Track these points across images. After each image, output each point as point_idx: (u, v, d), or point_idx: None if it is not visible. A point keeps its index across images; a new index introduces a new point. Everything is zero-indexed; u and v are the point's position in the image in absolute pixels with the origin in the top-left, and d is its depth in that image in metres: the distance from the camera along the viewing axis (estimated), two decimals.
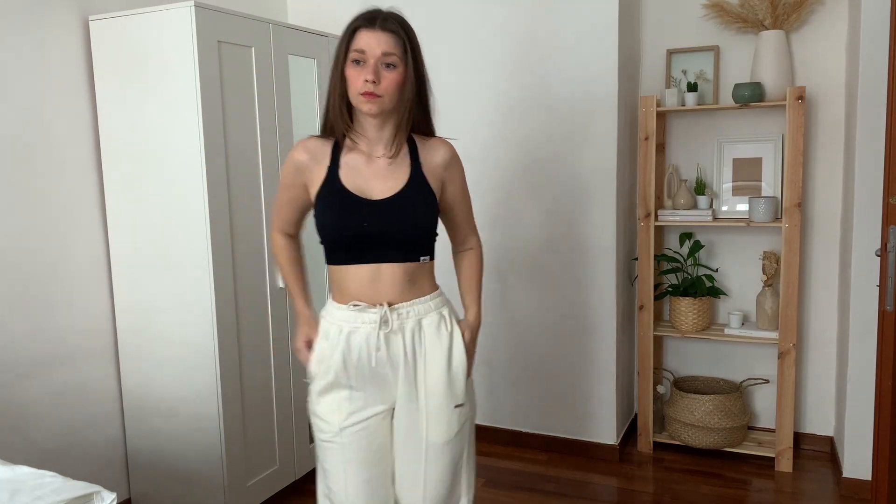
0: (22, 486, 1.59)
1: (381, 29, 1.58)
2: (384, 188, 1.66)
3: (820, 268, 3.17)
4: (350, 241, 1.65)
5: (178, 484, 2.64)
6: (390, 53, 1.58)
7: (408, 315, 1.68)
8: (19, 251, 2.37)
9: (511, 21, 3.13)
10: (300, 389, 2.89)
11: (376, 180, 1.67)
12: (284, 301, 2.78)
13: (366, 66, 1.57)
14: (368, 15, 1.60)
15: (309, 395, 1.76)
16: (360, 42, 1.58)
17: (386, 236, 1.64)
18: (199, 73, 2.35)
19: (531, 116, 3.15)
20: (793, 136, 2.86)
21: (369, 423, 1.71)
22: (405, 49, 1.60)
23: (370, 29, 1.58)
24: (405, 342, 1.68)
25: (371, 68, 1.57)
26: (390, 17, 1.61)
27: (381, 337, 1.66)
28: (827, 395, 3.22)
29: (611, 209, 3.07)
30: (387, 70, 1.59)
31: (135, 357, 2.65)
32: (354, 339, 1.68)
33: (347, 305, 1.68)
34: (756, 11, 2.99)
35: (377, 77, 1.57)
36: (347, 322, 1.68)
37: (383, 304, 1.66)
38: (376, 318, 1.66)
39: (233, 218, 2.53)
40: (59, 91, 2.47)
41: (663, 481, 3.02)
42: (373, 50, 1.57)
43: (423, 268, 1.70)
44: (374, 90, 1.57)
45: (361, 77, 1.57)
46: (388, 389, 1.71)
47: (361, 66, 1.58)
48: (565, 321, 3.22)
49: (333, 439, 1.71)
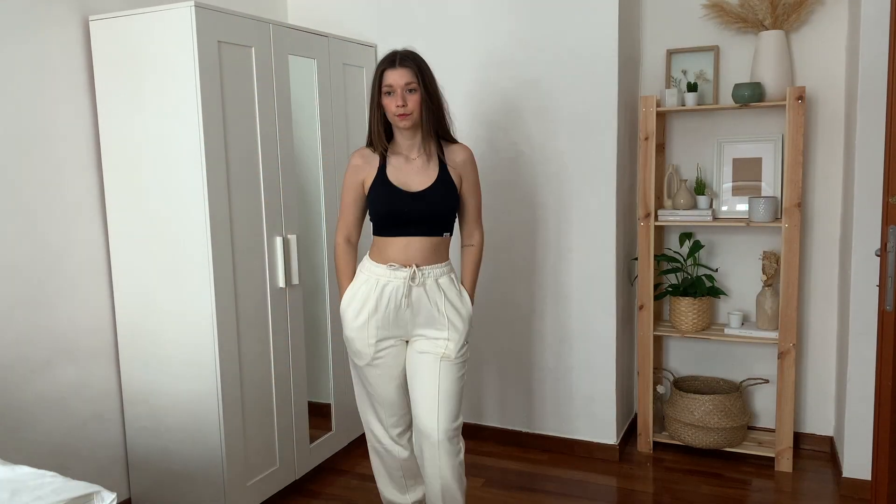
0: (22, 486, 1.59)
1: (400, 66, 2.16)
2: (420, 182, 2.26)
3: (820, 268, 3.17)
4: (394, 221, 2.25)
5: (178, 484, 2.65)
6: (410, 82, 2.16)
7: (429, 275, 2.27)
8: (19, 251, 2.37)
9: (511, 22, 3.13)
10: (300, 389, 2.90)
11: (414, 176, 2.26)
12: (284, 301, 2.78)
13: (395, 95, 2.15)
14: (390, 57, 2.18)
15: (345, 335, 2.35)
16: (388, 79, 2.17)
17: (420, 218, 2.24)
18: (199, 73, 2.35)
19: (531, 116, 3.15)
20: (793, 136, 2.86)
21: (390, 351, 2.33)
22: (417, 77, 2.16)
23: (393, 68, 2.16)
24: (427, 293, 2.27)
25: (400, 95, 2.15)
26: (403, 56, 2.18)
27: (407, 289, 2.25)
28: (827, 394, 3.22)
29: (611, 209, 3.07)
30: (410, 94, 2.17)
31: (135, 357, 2.66)
32: (387, 289, 2.26)
33: (386, 265, 2.26)
34: (756, 11, 2.99)
35: (405, 101, 2.16)
36: (383, 276, 2.26)
37: (412, 266, 2.24)
38: (406, 275, 2.24)
39: (233, 218, 2.53)
40: (59, 91, 2.47)
41: (663, 481, 3.02)
42: (398, 81, 2.15)
43: (443, 241, 2.31)
44: (405, 111, 2.16)
45: (394, 104, 2.16)
46: (405, 328, 2.31)
47: (392, 96, 2.16)
48: (565, 321, 3.22)
49: (369, 365, 2.34)
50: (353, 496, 2.95)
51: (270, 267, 2.71)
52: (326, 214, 3.06)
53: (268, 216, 2.69)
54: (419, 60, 2.19)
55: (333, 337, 3.14)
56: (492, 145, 3.23)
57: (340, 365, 3.18)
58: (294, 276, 2.80)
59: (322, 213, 3.05)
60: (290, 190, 2.80)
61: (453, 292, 2.32)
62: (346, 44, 3.16)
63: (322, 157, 3.01)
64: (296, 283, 2.82)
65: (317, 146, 3.00)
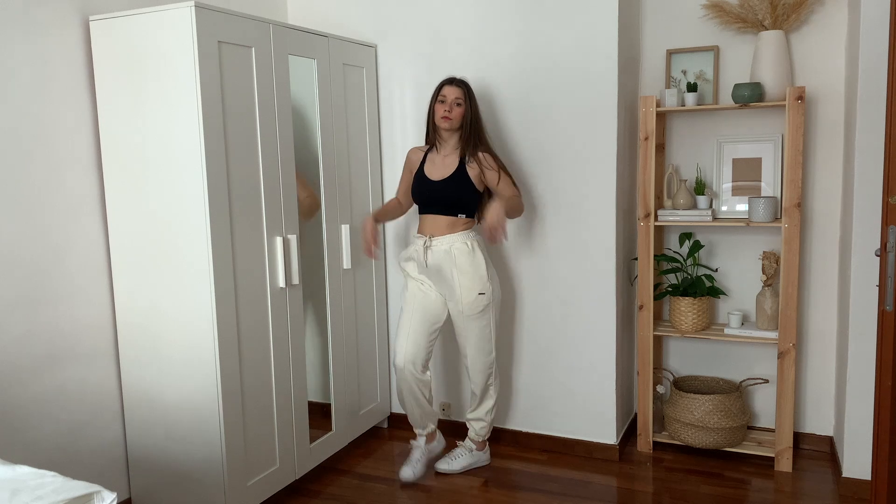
0: (22, 485, 1.59)
1: (454, 85, 2.90)
2: (439, 174, 2.95)
3: (820, 268, 3.17)
4: (422, 201, 2.98)
5: (178, 484, 2.65)
6: (458, 98, 2.89)
7: (441, 243, 2.93)
8: (19, 251, 2.37)
9: (511, 22, 3.13)
10: (300, 389, 2.90)
11: (438, 169, 2.96)
12: (284, 301, 2.78)
13: (445, 103, 2.89)
14: (449, 79, 2.92)
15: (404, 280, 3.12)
16: (444, 91, 2.90)
17: (437, 200, 2.94)
18: (199, 73, 2.35)
19: (531, 116, 3.15)
20: (792, 136, 2.86)
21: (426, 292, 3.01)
22: (465, 96, 2.90)
23: (449, 85, 2.90)
24: (440, 258, 2.93)
25: (449, 105, 2.89)
26: (459, 80, 2.92)
27: (424, 253, 2.95)
28: (826, 394, 3.23)
29: (611, 209, 3.07)
30: (457, 107, 2.89)
31: (135, 357, 2.66)
32: (415, 251, 3.00)
33: (416, 234, 3.03)
34: (756, 11, 2.99)
35: (451, 109, 2.89)
36: (414, 242, 3.04)
37: (428, 236, 2.95)
38: (422, 243, 2.96)
39: (233, 218, 2.53)
40: (59, 91, 2.47)
41: (663, 481, 3.02)
42: (450, 95, 2.89)
43: (458, 220, 2.94)
44: (449, 115, 2.88)
45: (443, 109, 2.89)
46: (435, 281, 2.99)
47: (443, 104, 2.89)
48: (565, 321, 3.22)
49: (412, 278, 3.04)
50: (353, 496, 2.95)
51: (270, 267, 2.71)
52: (326, 214, 3.06)
53: (268, 216, 2.69)
54: (467, 86, 2.91)
55: (333, 337, 3.14)
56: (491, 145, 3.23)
57: (340, 365, 3.18)
58: (294, 276, 2.80)
59: (322, 212, 3.05)
60: (290, 190, 2.81)
61: (464, 257, 2.90)
62: (346, 44, 3.16)
63: (322, 157, 3.01)
64: (296, 283, 2.82)
65: (317, 146, 3.00)
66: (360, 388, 3.35)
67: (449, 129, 2.90)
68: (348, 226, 3.17)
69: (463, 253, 2.90)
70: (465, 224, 2.95)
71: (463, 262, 2.90)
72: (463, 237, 2.92)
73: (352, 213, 3.21)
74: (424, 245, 2.94)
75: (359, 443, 3.41)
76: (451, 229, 2.93)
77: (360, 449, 3.37)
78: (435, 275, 2.96)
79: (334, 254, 3.12)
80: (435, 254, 2.92)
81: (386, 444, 3.45)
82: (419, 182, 2.97)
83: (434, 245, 2.92)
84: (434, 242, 2.93)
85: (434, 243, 2.92)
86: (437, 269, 2.94)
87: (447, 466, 3.12)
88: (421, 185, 2.97)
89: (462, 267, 2.90)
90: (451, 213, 2.92)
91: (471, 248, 2.92)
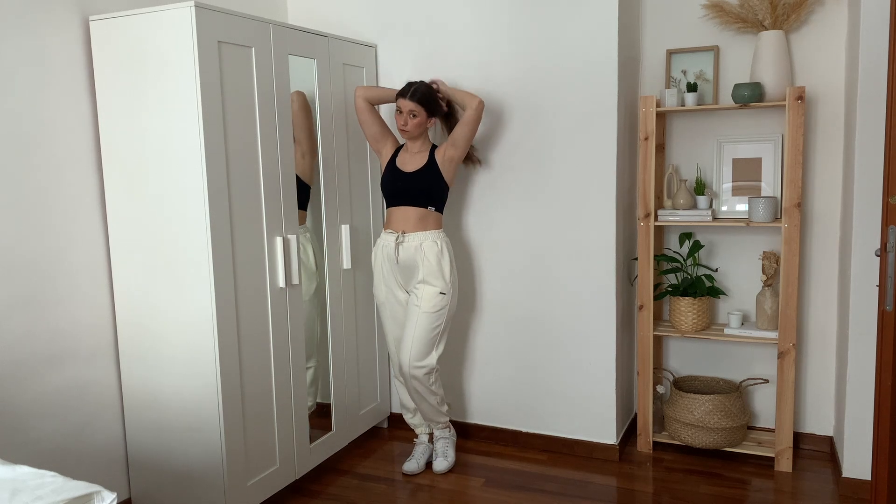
0: (22, 485, 1.59)
1: (407, 98, 2.91)
2: (411, 167, 2.98)
3: (820, 267, 3.17)
4: (393, 192, 3.00)
5: (178, 484, 2.65)
6: (413, 110, 2.91)
7: (413, 239, 2.96)
8: (19, 251, 2.37)
9: (511, 22, 3.13)
10: (300, 389, 2.90)
11: (410, 163, 2.99)
12: (284, 301, 2.78)
13: (402, 114, 2.93)
14: (403, 90, 2.93)
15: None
16: (399, 103, 2.93)
17: (408, 192, 2.96)
18: (199, 73, 2.35)
19: (531, 116, 3.15)
20: (792, 136, 2.86)
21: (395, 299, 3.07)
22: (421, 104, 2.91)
23: (402, 97, 2.92)
24: (410, 254, 2.96)
25: (404, 118, 2.93)
26: (413, 91, 2.91)
27: (396, 249, 2.97)
28: (826, 394, 3.23)
29: (611, 209, 3.07)
30: (412, 118, 2.93)
31: (135, 357, 2.66)
32: (386, 250, 3.02)
33: (386, 231, 3.03)
34: (756, 12, 2.99)
35: (406, 122, 2.93)
36: (383, 239, 3.04)
37: (399, 232, 2.97)
38: (394, 239, 2.97)
39: (233, 218, 2.53)
40: (59, 91, 2.47)
41: (663, 481, 3.02)
42: (405, 108, 2.92)
43: (429, 214, 2.98)
44: (405, 128, 2.94)
45: (400, 121, 2.95)
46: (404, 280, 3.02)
47: (400, 114, 2.94)
48: (565, 321, 3.22)
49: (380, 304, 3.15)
50: (353, 496, 2.95)
51: (270, 267, 2.71)
52: (326, 214, 3.06)
53: (268, 216, 2.69)
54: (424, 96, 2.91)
55: (333, 337, 3.14)
56: (491, 144, 3.23)
57: (340, 365, 3.18)
58: (294, 276, 2.80)
59: (322, 212, 3.05)
60: (289, 190, 2.80)
61: (434, 256, 2.95)
62: (346, 44, 3.16)
63: (322, 157, 3.01)
64: (296, 283, 2.82)
65: (316, 146, 3.00)
66: (360, 388, 3.35)
67: (408, 139, 2.99)
68: (348, 226, 3.17)
69: (433, 252, 2.94)
70: (436, 221, 3.00)
71: (431, 260, 2.94)
72: (433, 236, 2.97)
73: (352, 213, 3.21)
74: (396, 241, 2.96)
75: (359, 443, 3.41)
76: (423, 225, 2.96)
77: (360, 449, 3.37)
78: (404, 270, 2.99)
79: (334, 254, 3.12)
80: (406, 249, 2.95)
81: (386, 444, 3.45)
82: (391, 173, 3.00)
83: (406, 241, 2.95)
84: (406, 238, 2.95)
85: (406, 239, 2.95)
86: (406, 265, 2.98)
87: (445, 463, 3.13)
88: (393, 176, 2.99)
89: (429, 265, 2.94)
90: (422, 205, 2.95)
91: (440, 248, 2.97)
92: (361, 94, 3.02)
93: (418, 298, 2.95)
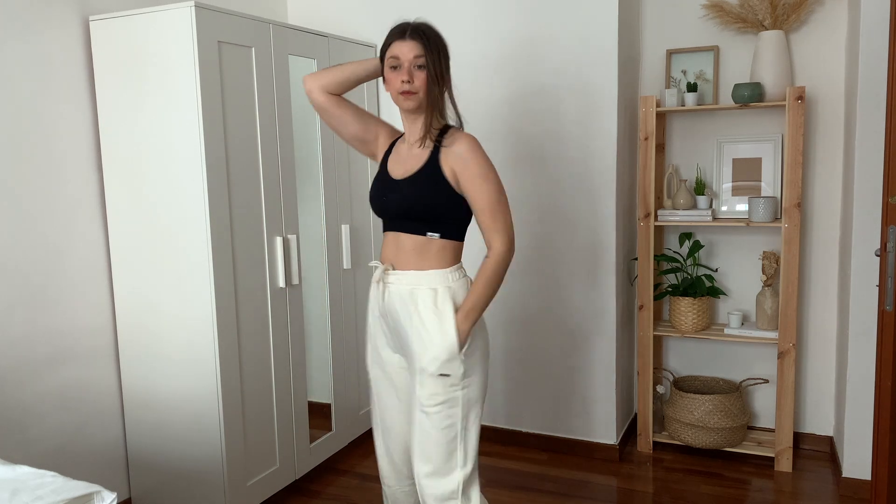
0: (22, 485, 1.59)
1: (409, 37, 1.84)
2: (403, 170, 1.91)
3: (820, 268, 3.17)
4: (381, 208, 1.95)
5: (178, 484, 2.65)
6: (419, 55, 1.82)
7: (399, 281, 1.90)
8: (19, 251, 2.37)
9: (511, 22, 3.13)
10: (300, 389, 2.90)
11: (400, 164, 1.93)
12: (284, 301, 2.78)
13: (400, 69, 1.83)
14: (400, 28, 1.87)
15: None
16: (394, 50, 1.85)
17: (397, 209, 1.90)
18: (199, 73, 2.35)
19: (531, 116, 3.15)
20: (792, 136, 2.86)
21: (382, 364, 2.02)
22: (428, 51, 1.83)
23: (401, 39, 1.85)
24: (395, 307, 1.91)
25: (407, 71, 1.82)
26: (415, 28, 1.86)
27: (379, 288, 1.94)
28: (827, 394, 3.23)
29: (611, 209, 3.07)
30: (418, 70, 1.83)
31: (135, 357, 2.66)
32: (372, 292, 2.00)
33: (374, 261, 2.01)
34: (756, 12, 2.99)
35: (411, 77, 1.83)
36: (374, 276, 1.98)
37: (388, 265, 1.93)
38: (379, 273, 1.94)
39: (233, 218, 2.53)
40: (59, 91, 2.47)
41: (663, 481, 3.02)
42: (405, 54, 1.83)
43: (430, 243, 1.89)
44: (411, 88, 1.83)
45: (399, 79, 1.84)
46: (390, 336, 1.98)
47: (397, 70, 1.84)
48: (565, 321, 3.22)
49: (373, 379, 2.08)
50: (353, 496, 2.95)
51: (270, 267, 2.71)
52: (326, 214, 3.06)
53: (268, 216, 2.69)
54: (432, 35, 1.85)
55: (333, 337, 3.14)
56: (490, 145, 3.23)
57: (340, 365, 3.18)
58: (294, 276, 2.80)
59: (322, 212, 3.05)
60: (289, 190, 2.80)
61: (429, 315, 1.83)
62: (346, 44, 3.16)
63: (322, 157, 3.01)
64: (296, 283, 2.82)
65: (317, 145, 3.00)
66: (361, 388, 3.35)
67: (415, 107, 1.86)
68: (348, 226, 3.17)
69: (427, 305, 1.86)
70: (442, 256, 1.89)
71: (424, 319, 1.86)
72: (435, 279, 1.88)
73: (352, 213, 3.21)
74: (381, 275, 1.94)
75: (359, 443, 3.41)
76: (420, 260, 1.89)
77: (360, 449, 3.37)
78: (391, 326, 1.95)
79: (334, 254, 3.12)
80: (392, 295, 1.91)
81: None
82: (378, 180, 1.98)
83: (392, 280, 1.91)
84: (392, 277, 1.91)
85: (392, 278, 1.91)
86: (393, 318, 1.93)
87: None
88: (381, 185, 1.96)
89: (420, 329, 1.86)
90: (418, 231, 1.88)
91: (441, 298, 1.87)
92: (316, 84, 1.98)
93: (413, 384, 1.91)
